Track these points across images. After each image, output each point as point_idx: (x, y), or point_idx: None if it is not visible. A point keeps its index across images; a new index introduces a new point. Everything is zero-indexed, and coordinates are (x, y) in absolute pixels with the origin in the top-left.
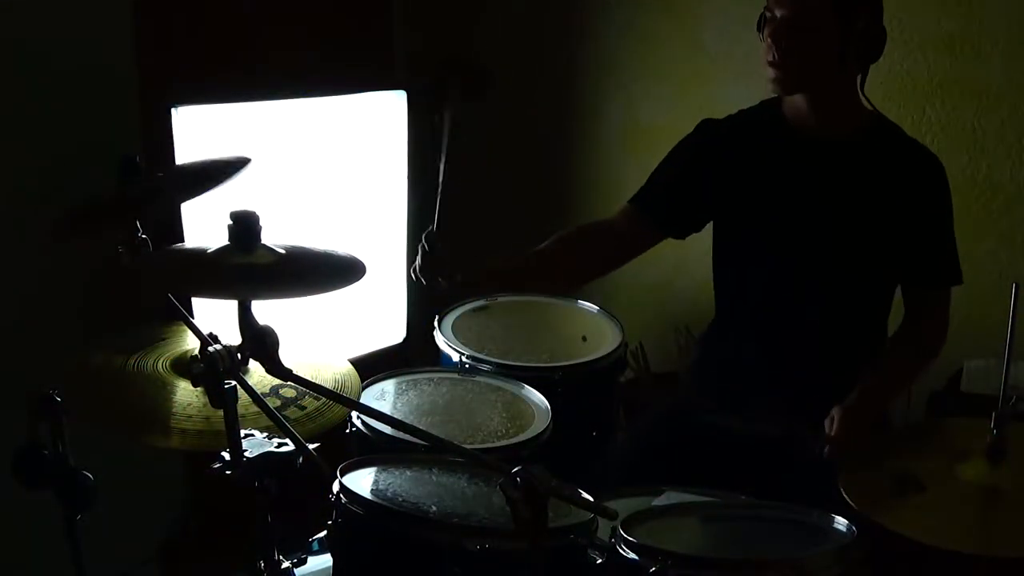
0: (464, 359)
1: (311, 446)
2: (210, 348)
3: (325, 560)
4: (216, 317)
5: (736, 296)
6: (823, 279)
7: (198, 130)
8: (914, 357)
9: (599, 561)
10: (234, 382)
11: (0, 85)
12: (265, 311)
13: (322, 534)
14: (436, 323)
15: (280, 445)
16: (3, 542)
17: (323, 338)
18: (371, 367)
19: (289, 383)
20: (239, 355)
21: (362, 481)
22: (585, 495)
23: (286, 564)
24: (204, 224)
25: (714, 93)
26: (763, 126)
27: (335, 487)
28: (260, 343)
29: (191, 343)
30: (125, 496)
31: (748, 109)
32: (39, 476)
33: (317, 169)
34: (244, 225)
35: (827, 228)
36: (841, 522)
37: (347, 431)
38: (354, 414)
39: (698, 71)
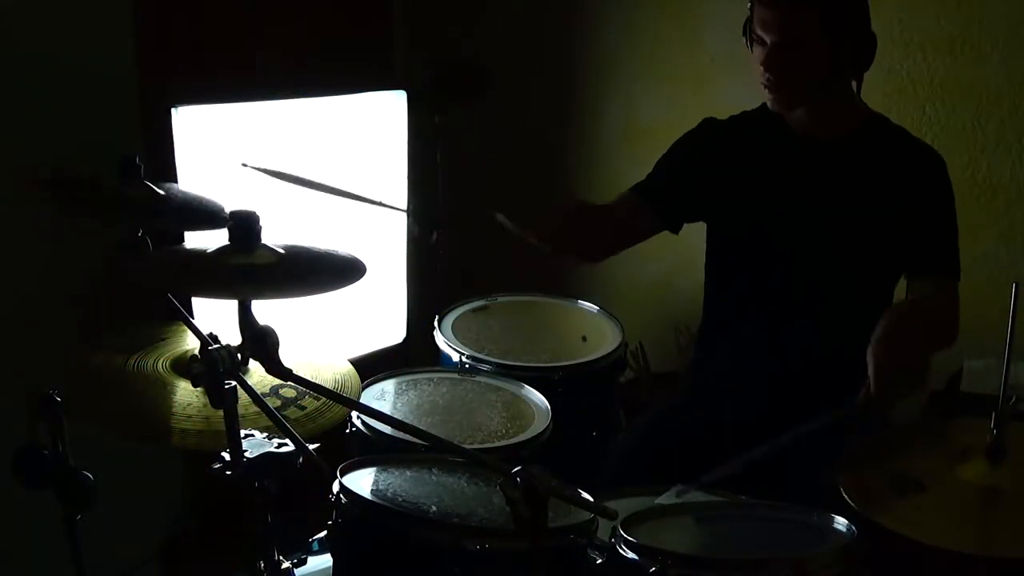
0: (464, 359)
1: (311, 446)
2: (210, 348)
3: (325, 560)
4: (216, 317)
5: (735, 295)
6: (822, 278)
7: (198, 130)
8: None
9: (599, 561)
10: (234, 382)
11: (0, 85)
12: (265, 311)
13: (322, 534)
14: (436, 323)
15: (280, 445)
16: (3, 542)
17: (323, 338)
18: (371, 367)
19: (289, 383)
20: (239, 355)
21: (362, 481)
22: (585, 495)
23: (286, 564)
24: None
25: (714, 93)
26: (763, 127)
27: (335, 487)
28: (260, 343)
29: (191, 343)
30: (125, 496)
31: (749, 111)
32: (39, 476)
33: (317, 169)
34: (244, 225)
35: (826, 227)
36: (841, 522)
37: (347, 431)
38: (354, 414)
39: (698, 71)
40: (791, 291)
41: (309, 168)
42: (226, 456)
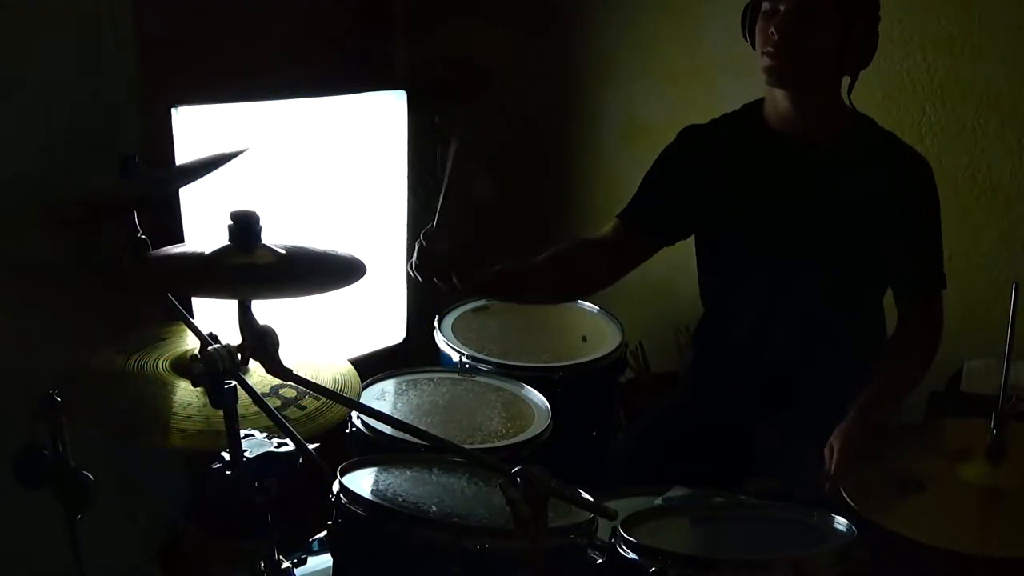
0: (464, 359)
1: (311, 446)
2: (210, 348)
3: (325, 560)
4: (216, 317)
5: (725, 294)
6: (810, 278)
7: (198, 130)
8: (908, 368)
9: (599, 561)
10: (234, 382)
11: (0, 85)
12: (265, 311)
13: (322, 534)
14: (436, 323)
15: (280, 445)
16: (3, 542)
17: (323, 338)
18: (371, 367)
19: (289, 383)
20: (239, 355)
21: (362, 481)
22: (585, 495)
23: (286, 564)
24: (204, 224)
25: (714, 93)
26: (745, 130)
27: (335, 487)
28: (260, 343)
29: (191, 343)
30: (125, 496)
31: (730, 113)
32: (39, 476)
33: (317, 169)
34: (244, 225)
35: (811, 229)
36: (841, 522)
37: (347, 431)
38: (354, 414)
39: (698, 71)
40: (780, 291)
41: (309, 168)
42: (226, 456)
